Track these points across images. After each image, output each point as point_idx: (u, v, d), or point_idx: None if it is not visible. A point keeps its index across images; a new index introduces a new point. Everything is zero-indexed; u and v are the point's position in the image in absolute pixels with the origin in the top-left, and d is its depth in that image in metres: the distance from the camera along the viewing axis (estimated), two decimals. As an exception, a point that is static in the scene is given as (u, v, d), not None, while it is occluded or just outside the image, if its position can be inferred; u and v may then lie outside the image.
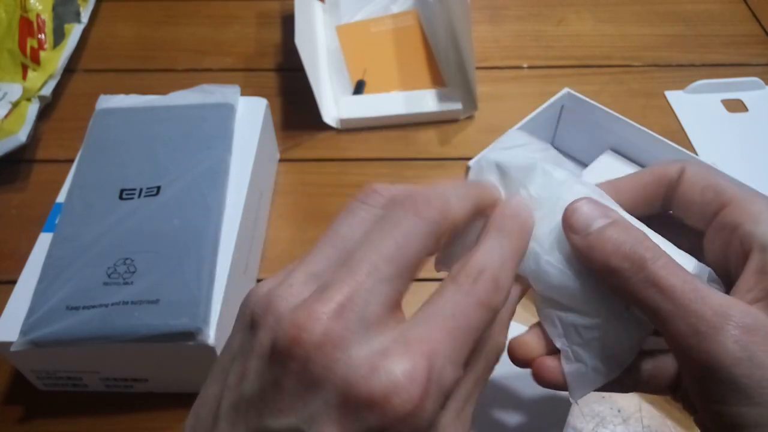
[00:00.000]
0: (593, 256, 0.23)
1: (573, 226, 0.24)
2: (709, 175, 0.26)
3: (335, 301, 0.18)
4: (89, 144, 0.45)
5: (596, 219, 0.23)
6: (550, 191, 0.25)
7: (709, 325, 0.21)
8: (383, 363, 0.18)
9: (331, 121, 0.58)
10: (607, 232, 0.23)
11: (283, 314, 0.19)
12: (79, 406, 0.40)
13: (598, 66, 0.64)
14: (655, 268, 0.22)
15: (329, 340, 0.18)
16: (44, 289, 0.37)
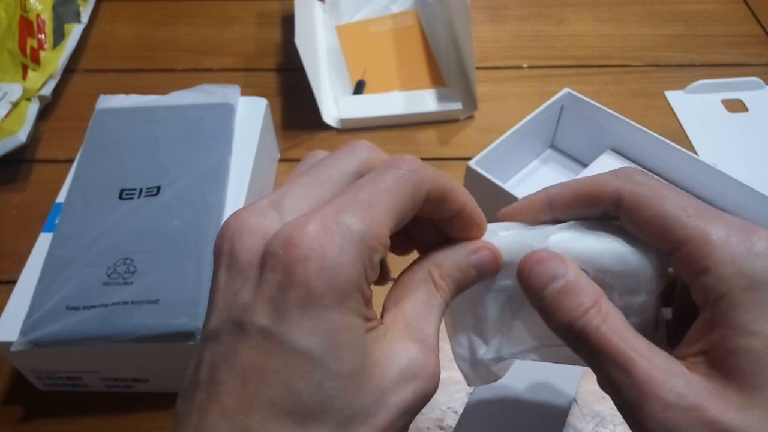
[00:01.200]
0: (547, 319, 0.23)
1: (527, 287, 0.24)
2: (652, 204, 0.22)
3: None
4: (89, 144, 0.45)
5: (549, 283, 0.23)
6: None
7: (640, 400, 0.20)
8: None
9: (331, 121, 0.58)
10: (558, 300, 0.23)
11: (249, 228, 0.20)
12: (79, 406, 0.40)
13: (598, 66, 0.64)
14: (596, 340, 0.22)
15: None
16: (44, 289, 0.37)
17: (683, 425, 0.20)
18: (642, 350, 0.21)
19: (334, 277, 0.19)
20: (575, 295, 0.22)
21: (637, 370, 0.21)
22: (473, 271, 0.24)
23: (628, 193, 0.23)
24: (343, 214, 0.19)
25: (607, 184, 0.24)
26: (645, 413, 0.20)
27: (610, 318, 0.22)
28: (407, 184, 0.21)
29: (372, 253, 0.20)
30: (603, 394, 0.40)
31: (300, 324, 0.18)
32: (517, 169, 0.53)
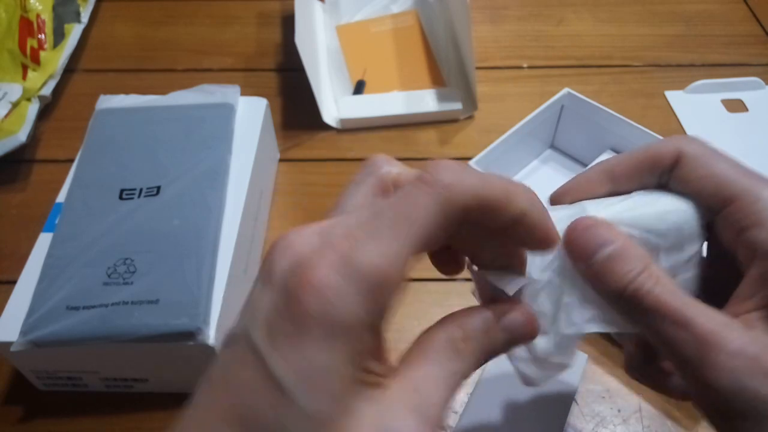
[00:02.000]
0: (598, 285, 0.23)
1: (577, 255, 0.24)
2: (708, 161, 0.24)
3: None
4: (89, 144, 0.45)
5: (599, 249, 0.23)
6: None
7: (702, 352, 0.21)
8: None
9: (331, 121, 0.58)
10: (609, 265, 0.23)
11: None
12: (79, 406, 0.40)
13: (598, 66, 0.64)
14: (650, 301, 0.22)
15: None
16: (44, 289, 0.37)
17: (748, 373, 0.20)
18: (697, 308, 0.22)
19: (329, 317, 0.17)
20: (625, 260, 0.23)
21: (697, 324, 0.21)
22: (503, 335, 0.22)
23: (687, 151, 0.24)
24: (355, 249, 0.18)
25: (667, 144, 0.25)
26: (708, 364, 0.21)
27: (662, 281, 0.22)
28: (435, 203, 0.19)
29: (381, 291, 0.18)
30: (603, 394, 0.40)
31: (283, 352, 0.17)
32: (517, 169, 0.53)
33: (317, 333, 0.17)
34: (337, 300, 0.17)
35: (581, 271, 0.24)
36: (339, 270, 0.17)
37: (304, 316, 0.17)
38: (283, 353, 0.17)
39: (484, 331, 0.22)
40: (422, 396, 0.19)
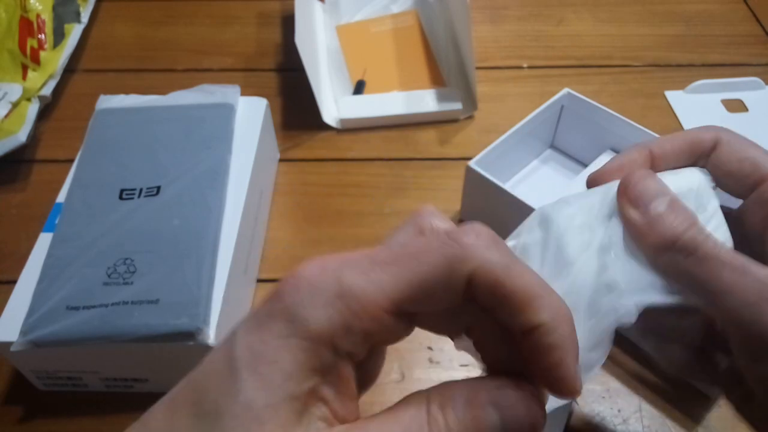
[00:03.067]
0: (649, 235, 0.24)
1: (633, 201, 0.24)
2: (744, 146, 0.26)
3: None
4: (89, 144, 0.45)
5: (656, 198, 0.24)
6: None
7: (759, 296, 0.22)
8: None
9: (331, 121, 0.58)
10: (665, 214, 0.24)
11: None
12: (79, 406, 0.40)
13: (598, 66, 0.64)
14: (706, 249, 0.23)
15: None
16: (44, 289, 0.37)
17: None
18: (749, 261, 0.23)
19: (294, 311, 0.17)
20: (680, 211, 0.24)
21: (758, 269, 0.22)
22: (492, 414, 0.18)
23: (724, 137, 0.27)
24: (348, 268, 0.17)
25: (706, 131, 0.27)
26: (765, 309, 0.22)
27: (711, 235, 0.24)
28: (442, 255, 0.17)
29: (351, 313, 0.17)
30: (603, 394, 0.40)
31: (249, 335, 0.17)
32: (517, 169, 0.53)
33: (280, 323, 0.17)
34: (307, 299, 0.17)
35: (631, 218, 0.24)
36: (325, 276, 0.17)
37: (277, 303, 0.17)
38: (248, 337, 0.17)
39: (468, 404, 0.18)
40: None
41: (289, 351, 0.17)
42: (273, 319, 0.17)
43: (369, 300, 0.17)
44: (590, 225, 0.25)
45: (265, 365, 0.17)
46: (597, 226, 0.25)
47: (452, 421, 0.18)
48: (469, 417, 0.18)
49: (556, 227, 0.25)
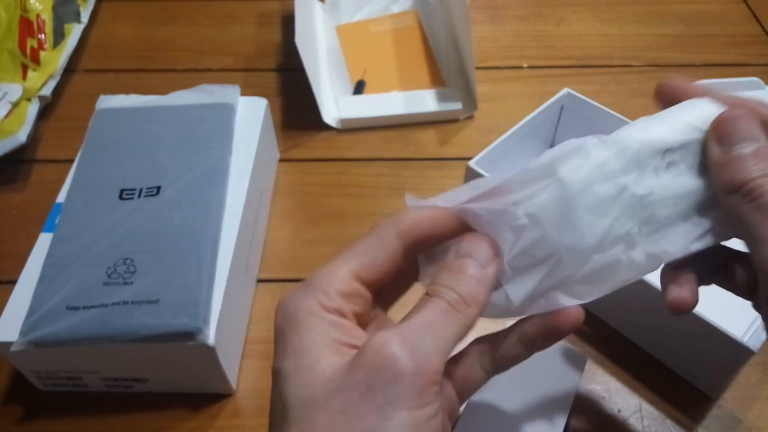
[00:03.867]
0: (724, 172, 0.25)
1: (721, 138, 0.25)
2: None
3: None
4: (89, 144, 0.45)
5: (743, 140, 0.24)
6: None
7: None
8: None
9: (331, 121, 0.58)
10: (746, 158, 0.24)
11: None
12: (79, 406, 0.40)
13: (598, 66, 0.64)
14: (766, 199, 0.23)
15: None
16: (44, 289, 0.37)
17: None
18: None
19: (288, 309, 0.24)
20: (761, 159, 0.24)
21: None
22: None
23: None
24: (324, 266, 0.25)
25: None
26: None
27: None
28: (371, 229, 0.26)
29: (321, 294, 0.24)
30: (603, 394, 0.40)
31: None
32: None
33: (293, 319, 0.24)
34: (296, 296, 0.24)
35: (713, 152, 0.25)
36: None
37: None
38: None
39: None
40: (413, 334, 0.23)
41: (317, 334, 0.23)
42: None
43: (333, 279, 0.24)
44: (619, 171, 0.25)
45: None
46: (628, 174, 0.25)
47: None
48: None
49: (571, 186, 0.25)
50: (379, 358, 0.21)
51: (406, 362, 0.21)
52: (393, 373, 0.21)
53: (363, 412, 0.21)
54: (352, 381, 0.21)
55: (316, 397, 0.22)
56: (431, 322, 0.23)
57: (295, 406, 0.22)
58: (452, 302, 0.24)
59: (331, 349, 0.23)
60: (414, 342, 0.22)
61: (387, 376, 0.21)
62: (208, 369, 0.38)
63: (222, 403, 0.40)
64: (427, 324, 0.23)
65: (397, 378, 0.21)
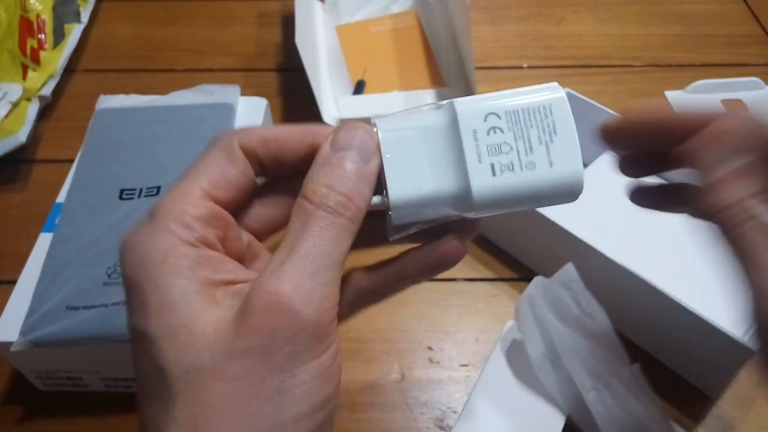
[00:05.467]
0: (705, 197, 0.24)
1: (702, 167, 0.24)
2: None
3: None
4: (89, 144, 0.45)
5: (720, 163, 0.23)
6: None
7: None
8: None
9: (331, 121, 0.58)
10: (724, 180, 0.23)
11: None
12: (79, 406, 0.40)
13: (598, 66, 0.64)
14: (745, 228, 0.22)
15: None
16: (44, 289, 0.37)
17: None
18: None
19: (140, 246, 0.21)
20: (740, 180, 0.23)
21: None
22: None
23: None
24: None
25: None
26: None
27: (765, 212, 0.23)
28: (210, 146, 0.23)
29: (176, 225, 0.21)
30: (603, 394, 0.40)
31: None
32: (517, 169, 0.53)
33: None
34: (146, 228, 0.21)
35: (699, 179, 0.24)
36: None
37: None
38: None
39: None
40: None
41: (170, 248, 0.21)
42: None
43: (181, 205, 0.21)
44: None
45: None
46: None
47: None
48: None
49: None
50: (274, 316, 0.19)
51: (305, 313, 0.19)
52: (293, 330, 0.19)
53: (265, 375, 0.19)
54: (246, 344, 0.19)
55: (202, 363, 0.19)
56: (318, 244, 0.20)
57: (176, 375, 0.19)
58: (335, 207, 0.21)
59: (205, 296, 0.20)
60: (306, 284, 0.19)
61: (286, 334, 0.19)
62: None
63: (222, 403, 0.40)
64: (313, 250, 0.20)
65: (298, 333, 0.19)
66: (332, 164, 0.22)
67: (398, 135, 0.23)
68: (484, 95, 0.25)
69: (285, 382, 0.19)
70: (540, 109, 0.25)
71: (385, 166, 0.23)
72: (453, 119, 0.24)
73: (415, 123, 0.24)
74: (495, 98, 0.26)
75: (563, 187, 0.23)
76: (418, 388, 0.41)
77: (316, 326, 0.20)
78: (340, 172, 0.21)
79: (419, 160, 0.23)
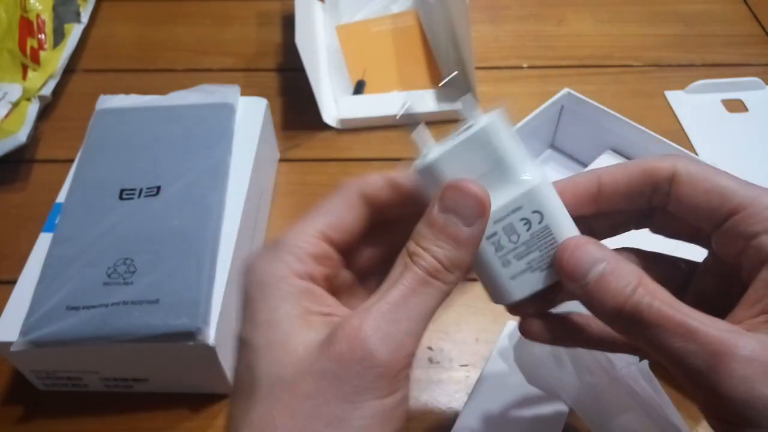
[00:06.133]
0: (594, 306, 0.23)
1: (569, 274, 0.23)
2: (708, 176, 0.24)
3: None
4: (89, 144, 0.45)
5: (593, 265, 0.22)
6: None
7: (713, 362, 0.20)
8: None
9: (331, 121, 0.58)
10: (603, 282, 0.22)
11: None
12: (79, 406, 0.40)
13: (598, 66, 0.64)
14: (655, 310, 0.21)
15: None
16: (44, 289, 0.37)
17: (762, 380, 0.20)
18: (700, 317, 0.21)
19: (259, 272, 0.24)
20: (620, 276, 0.22)
21: (704, 334, 0.20)
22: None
23: (683, 168, 0.24)
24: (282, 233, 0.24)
25: (661, 161, 0.24)
26: (722, 373, 0.20)
27: (659, 293, 0.22)
28: (335, 190, 0.25)
29: (291, 257, 0.23)
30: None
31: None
32: (517, 169, 0.53)
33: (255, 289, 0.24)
34: (262, 260, 0.24)
35: (576, 292, 0.23)
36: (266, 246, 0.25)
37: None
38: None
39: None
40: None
41: (282, 303, 0.23)
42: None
43: (301, 241, 0.24)
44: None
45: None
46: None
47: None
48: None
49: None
50: (350, 348, 0.21)
51: (378, 353, 0.21)
52: (363, 366, 0.21)
53: (330, 399, 0.21)
54: (322, 367, 0.21)
55: (285, 377, 0.21)
56: (407, 297, 0.22)
57: (264, 383, 0.21)
58: (431, 271, 0.22)
59: (303, 321, 0.22)
60: (387, 328, 0.21)
61: (357, 368, 0.21)
62: (208, 369, 0.38)
63: (222, 403, 0.40)
64: (401, 300, 0.22)
65: (368, 370, 0.21)
66: (436, 226, 0.23)
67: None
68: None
69: (346, 412, 0.21)
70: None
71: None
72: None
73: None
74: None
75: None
76: (418, 388, 0.41)
77: (385, 368, 0.21)
78: (443, 236, 0.22)
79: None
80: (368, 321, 0.21)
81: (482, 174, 0.24)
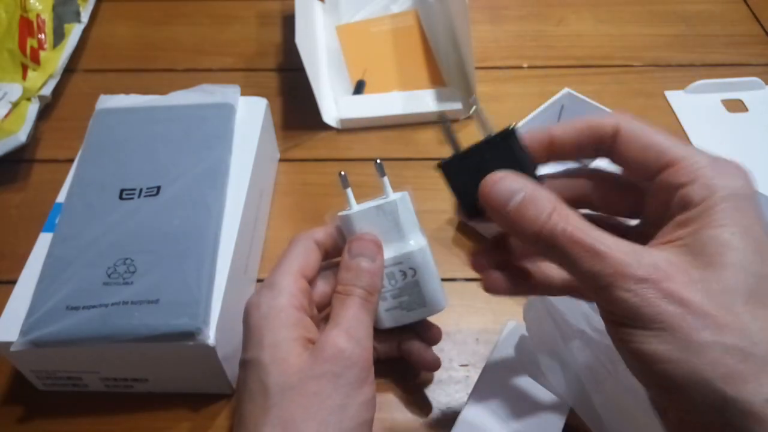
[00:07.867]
0: (516, 232, 0.26)
1: (493, 205, 0.26)
2: (647, 133, 0.26)
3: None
4: (89, 144, 0.45)
5: (513, 195, 0.26)
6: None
7: (610, 281, 0.23)
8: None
9: (331, 121, 0.58)
10: (521, 211, 0.25)
11: None
12: (79, 406, 0.40)
13: (598, 66, 0.64)
14: (569, 233, 0.24)
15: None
16: (44, 289, 0.37)
17: (650, 297, 0.22)
18: (608, 240, 0.24)
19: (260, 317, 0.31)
20: (536, 203, 0.25)
21: (609, 255, 0.23)
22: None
23: (626, 125, 0.27)
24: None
25: (606, 118, 0.27)
26: (617, 290, 0.23)
27: (572, 218, 0.25)
28: (295, 240, 0.34)
29: (287, 294, 0.31)
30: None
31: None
32: (517, 169, 0.53)
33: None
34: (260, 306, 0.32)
35: (499, 222, 0.26)
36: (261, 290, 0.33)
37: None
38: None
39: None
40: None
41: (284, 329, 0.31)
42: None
43: (284, 283, 0.32)
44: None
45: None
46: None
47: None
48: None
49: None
50: (337, 351, 0.29)
51: (356, 352, 0.29)
52: (349, 362, 0.29)
53: (332, 392, 0.28)
54: (320, 370, 0.28)
55: (292, 383, 0.28)
56: (357, 315, 0.31)
57: (275, 392, 0.28)
58: (362, 296, 0.32)
59: (299, 343, 0.30)
60: (355, 335, 0.30)
61: (346, 364, 0.29)
62: (208, 369, 0.38)
63: (222, 403, 0.40)
64: (355, 318, 0.31)
65: (353, 365, 0.29)
66: (352, 268, 0.32)
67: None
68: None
69: (345, 399, 0.28)
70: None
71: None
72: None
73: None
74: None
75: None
76: (419, 388, 0.41)
77: (360, 365, 0.29)
78: (358, 272, 0.32)
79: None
80: (341, 335, 0.30)
81: (382, 231, 0.33)
